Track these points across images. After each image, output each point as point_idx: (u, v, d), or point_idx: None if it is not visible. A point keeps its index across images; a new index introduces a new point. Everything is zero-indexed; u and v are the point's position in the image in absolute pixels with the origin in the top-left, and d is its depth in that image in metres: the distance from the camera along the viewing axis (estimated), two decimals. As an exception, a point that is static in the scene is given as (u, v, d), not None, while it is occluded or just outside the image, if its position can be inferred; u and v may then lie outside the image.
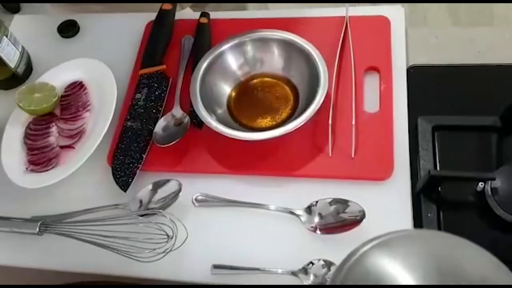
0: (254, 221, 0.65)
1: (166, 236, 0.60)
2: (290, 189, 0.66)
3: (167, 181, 0.67)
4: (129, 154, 0.70)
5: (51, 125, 0.75)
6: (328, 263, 0.59)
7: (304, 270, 0.59)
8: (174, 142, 0.68)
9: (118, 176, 0.69)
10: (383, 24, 0.75)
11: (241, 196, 0.66)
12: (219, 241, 0.64)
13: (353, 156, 0.65)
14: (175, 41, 0.81)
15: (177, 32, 0.82)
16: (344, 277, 0.37)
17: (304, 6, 0.85)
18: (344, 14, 0.77)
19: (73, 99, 0.77)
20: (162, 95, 0.75)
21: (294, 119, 0.66)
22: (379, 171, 0.64)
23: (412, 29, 0.77)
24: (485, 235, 0.62)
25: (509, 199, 0.60)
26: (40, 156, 0.72)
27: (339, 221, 0.62)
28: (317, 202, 0.63)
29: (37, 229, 0.65)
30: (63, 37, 0.88)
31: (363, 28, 0.75)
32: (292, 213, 0.63)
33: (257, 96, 0.74)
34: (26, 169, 0.72)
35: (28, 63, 0.85)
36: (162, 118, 0.72)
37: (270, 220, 0.64)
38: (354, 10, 0.77)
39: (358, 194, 0.62)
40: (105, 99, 0.74)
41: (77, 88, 0.77)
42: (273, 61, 0.75)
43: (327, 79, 0.67)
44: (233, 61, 0.75)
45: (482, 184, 0.62)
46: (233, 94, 0.75)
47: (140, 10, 0.89)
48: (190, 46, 0.79)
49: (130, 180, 0.68)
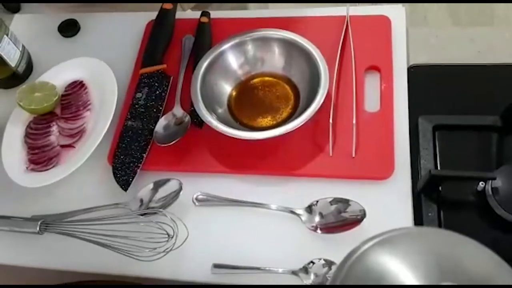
0: (255, 221, 0.65)
1: (167, 235, 0.60)
2: (291, 189, 0.66)
3: (168, 180, 0.67)
4: (130, 153, 0.70)
5: (52, 124, 0.75)
6: (329, 263, 0.59)
7: (305, 270, 0.59)
8: (175, 142, 0.68)
9: (119, 175, 0.69)
10: (384, 24, 0.75)
11: (242, 196, 0.66)
12: (220, 241, 0.64)
13: (354, 156, 0.65)
14: (176, 41, 0.81)
15: (178, 32, 0.82)
16: (346, 275, 0.37)
17: (305, 6, 0.85)
18: (345, 14, 0.77)
19: (74, 98, 0.77)
20: (163, 95, 0.75)
21: (295, 119, 0.65)
22: (380, 171, 0.64)
23: (413, 29, 0.77)
24: (486, 235, 0.62)
25: (510, 199, 0.60)
26: (41, 155, 0.72)
27: (340, 221, 0.62)
28: (318, 202, 0.63)
29: (38, 228, 0.65)
30: (64, 37, 0.88)
31: (364, 28, 0.75)
32: (293, 213, 0.63)
33: (258, 96, 0.74)
34: (27, 168, 0.72)
35: (29, 62, 0.85)
36: (163, 118, 0.72)
37: (271, 220, 0.64)
38: (355, 10, 0.78)
39: (359, 194, 0.62)
40: (106, 98, 0.74)
41: (78, 87, 0.77)
42: (274, 61, 0.75)
43: (328, 79, 0.67)
44: (234, 61, 0.75)
45: (483, 184, 0.62)
46: (234, 94, 0.75)
47: (141, 10, 0.89)
48: (191, 46, 0.79)
49: (131, 179, 0.68)
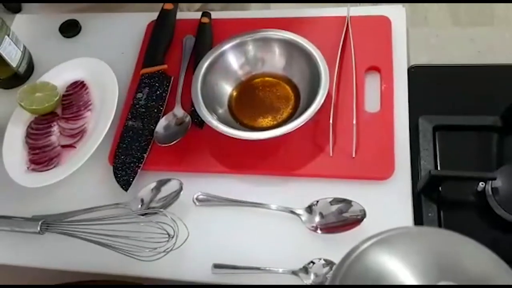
0: (255, 221, 0.65)
1: (167, 235, 0.60)
2: (291, 189, 0.66)
3: (168, 180, 0.67)
4: (130, 154, 0.70)
5: (53, 125, 0.75)
6: (329, 263, 0.59)
7: (305, 270, 0.59)
8: (175, 142, 0.68)
9: (119, 176, 0.69)
10: (384, 24, 0.75)
11: (242, 196, 0.66)
12: (220, 241, 0.64)
13: (354, 156, 0.65)
14: (177, 41, 0.81)
15: (179, 32, 0.82)
16: (344, 274, 0.37)
17: (305, 6, 0.85)
18: (345, 14, 0.77)
19: (75, 99, 0.77)
20: (164, 95, 0.75)
21: (295, 119, 0.66)
22: (380, 171, 0.65)
23: (413, 29, 0.77)
24: (486, 235, 0.62)
25: (510, 199, 0.60)
26: (42, 155, 0.72)
27: (340, 221, 0.62)
28: (318, 202, 0.63)
29: (38, 228, 0.66)
30: (65, 37, 0.88)
31: (364, 28, 0.76)
32: (293, 213, 0.63)
33: (258, 96, 0.74)
34: (28, 168, 0.72)
35: (30, 63, 0.85)
36: (163, 118, 0.72)
37: (271, 220, 0.64)
38: (355, 10, 0.78)
39: (359, 194, 0.62)
40: (107, 99, 0.74)
41: (79, 88, 0.78)
42: (274, 61, 0.75)
43: (328, 79, 0.67)
44: (234, 61, 0.75)
45: (483, 184, 0.62)
46: (234, 94, 0.75)
47: (142, 10, 0.89)
48: (192, 46, 0.80)
49: (131, 180, 0.68)
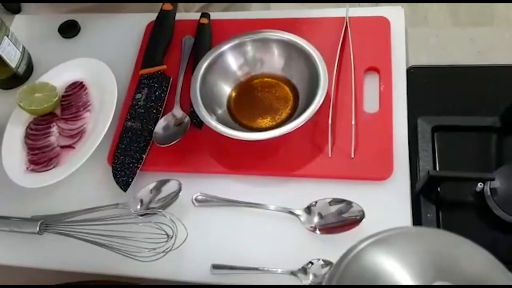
0: (254, 221, 0.65)
1: (166, 236, 0.60)
2: (290, 189, 0.66)
3: (167, 181, 0.67)
4: (129, 154, 0.70)
5: (52, 125, 0.75)
6: (328, 263, 0.59)
7: (304, 270, 0.60)
8: (174, 142, 0.68)
9: (118, 176, 0.69)
10: (383, 25, 0.75)
11: (241, 196, 0.66)
12: (219, 241, 0.64)
13: (353, 156, 0.66)
14: (176, 42, 0.81)
15: (178, 33, 0.82)
16: (342, 274, 0.37)
17: (304, 7, 0.85)
18: (344, 15, 0.77)
19: (74, 99, 0.77)
20: (163, 95, 0.75)
21: (294, 119, 0.66)
22: (379, 171, 0.65)
23: (413, 29, 0.77)
24: (484, 236, 0.62)
25: (508, 200, 0.60)
26: (41, 156, 0.72)
27: (339, 221, 0.62)
28: (317, 202, 0.63)
29: (37, 229, 0.66)
30: (64, 37, 0.88)
31: (363, 29, 0.76)
32: (292, 213, 0.63)
33: (257, 96, 0.74)
34: (27, 169, 0.72)
35: (29, 63, 0.85)
36: (162, 118, 0.72)
37: (270, 220, 0.64)
38: (354, 11, 0.78)
39: (358, 194, 0.62)
40: (106, 99, 0.74)
41: (78, 88, 0.78)
42: (273, 62, 0.75)
43: (327, 80, 0.67)
44: (233, 62, 0.75)
45: (482, 185, 0.62)
46: (233, 94, 0.75)
47: (141, 11, 0.89)
48: (191, 47, 0.80)
49: (130, 180, 0.68)
